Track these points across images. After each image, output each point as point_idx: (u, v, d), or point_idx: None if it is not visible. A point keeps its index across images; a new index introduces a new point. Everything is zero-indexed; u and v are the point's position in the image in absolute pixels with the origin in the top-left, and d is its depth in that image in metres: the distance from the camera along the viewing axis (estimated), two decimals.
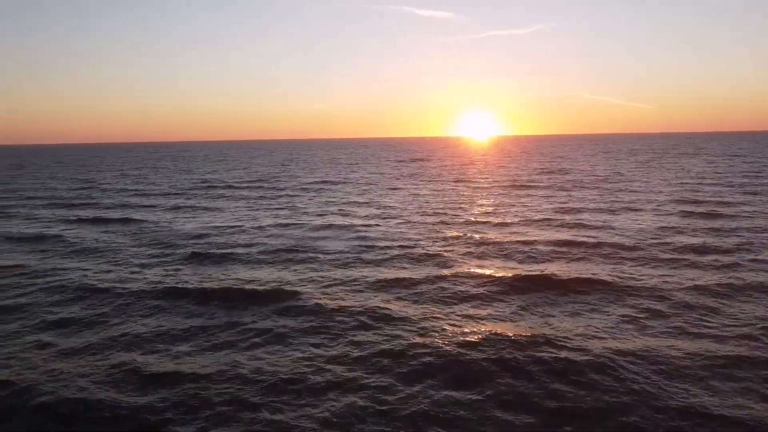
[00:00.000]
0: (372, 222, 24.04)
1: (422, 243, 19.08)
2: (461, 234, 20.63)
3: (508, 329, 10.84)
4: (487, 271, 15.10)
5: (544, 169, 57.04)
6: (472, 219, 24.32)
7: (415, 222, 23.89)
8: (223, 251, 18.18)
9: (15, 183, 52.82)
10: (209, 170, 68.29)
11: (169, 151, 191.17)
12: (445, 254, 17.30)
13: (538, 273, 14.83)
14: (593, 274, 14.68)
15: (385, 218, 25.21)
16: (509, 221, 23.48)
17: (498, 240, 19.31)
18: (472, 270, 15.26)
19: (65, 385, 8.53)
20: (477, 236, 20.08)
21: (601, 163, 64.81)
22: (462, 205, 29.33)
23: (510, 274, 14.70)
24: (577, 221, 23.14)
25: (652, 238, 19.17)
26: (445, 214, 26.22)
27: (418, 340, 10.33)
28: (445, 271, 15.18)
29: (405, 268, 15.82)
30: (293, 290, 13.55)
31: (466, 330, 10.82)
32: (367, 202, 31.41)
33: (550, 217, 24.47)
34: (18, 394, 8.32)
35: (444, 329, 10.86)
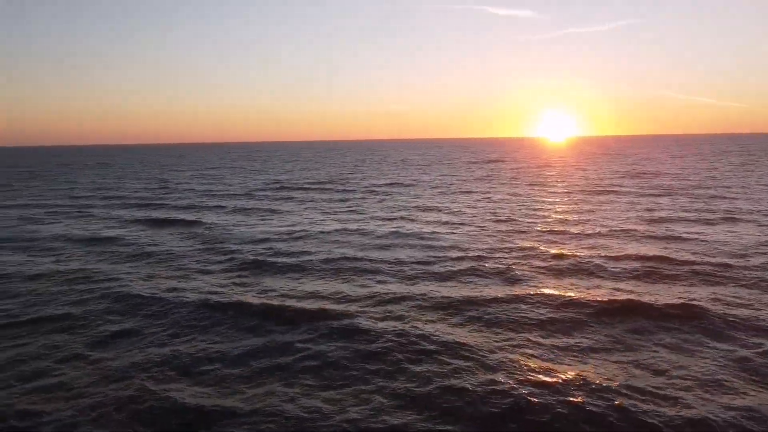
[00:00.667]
0: (441, 229, 22.85)
1: (494, 255, 17.72)
2: (536, 245, 19.07)
3: (592, 367, 9.42)
4: (566, 292, 13.60)
5: (628, 172, 53.66)
6: (549, 228, 22.60)
7: (487, 230, 22.49)
8: (284, 259, 17.55)
9: (100, 182, 55.27)
10: (281, 171, 69.16)
11: (247, 151, 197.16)
12: (519, 269, 15.88)
13: (624, 296, 13.20)
14: (690, 299, 12.88)
15: (455, 225, 23.95)
16: (590, 231, 21.64)
17: (577, 253, 17.65)
18: (549, 290, 13.79)
19: (95, 420, 7.91)
20: (554, 249, 18.47)
21: (690, 166, 60.46)
22: (537, 212, 27.59)
23: (592, 296, 13.15)
24: (667, 233, 20.99)
25: (757, 255, 16.95)
26: (519, 221, 24.63)
27: (488, 376, 9.11)
28: (519, 290, 13.81)
29: (474, 284, 14.57)
30: (352, 308, 12.64)
31: (543, 366, 9.49)
32: (437, 207, 30.22)
33: (635, 227, 22.39)
34: (40, 425, 7.77)
35: (517, 364, 9.57)
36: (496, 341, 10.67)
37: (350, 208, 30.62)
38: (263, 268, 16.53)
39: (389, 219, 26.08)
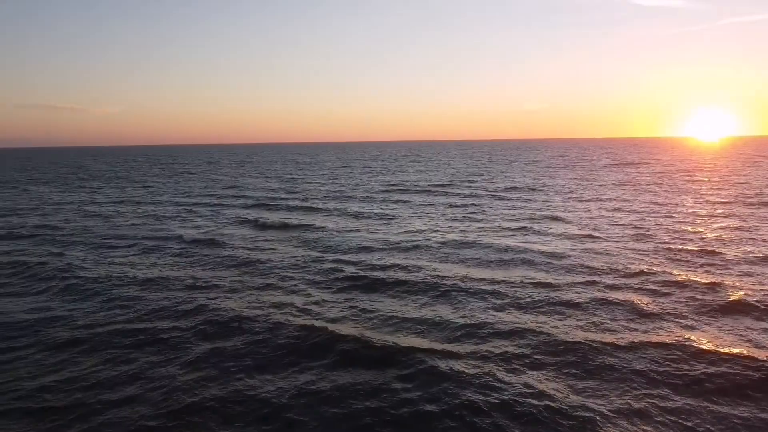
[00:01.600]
0: (569, 244, 20.36)
1: (630, 281, 15.13)
2: (684, 271, 16.09)
3: None
4: (723, 340, 10.94)
5: None
6: (700, 248, 19.16)
7: (623, 248, 19.56)
8: (391, 274, 16.27)
9: (238, 180, 58.23)
10: (407, 171, 68.70)
11: (380, 150, 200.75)
12: (661, 303, 13.28)
13: None
14: None
15: (585, 239, 21.28)
16: (753, 255, 18.03)
17: (738, 284, 14.57)
18: (700, 336, 11.20)
19: None
20: (707, 277, 15.41)
21: None
22: (685, 227, 23.90)
23: (760, 349, 10.42)
24: None
25: None
26: (662, 238, 21.33)
27: None
28: (660, 333, 11.37)
29: (602, 320, 12.28)
30: (456, 344, 11.11)
31: None
32: (566, 217, 27.41)
33: None
34: None
35: None
36: (628, 405, 8.53)
37: (471, 215, 28.84)
38: (367, 284, 15.39)
39: (512, 229, 23.96)
